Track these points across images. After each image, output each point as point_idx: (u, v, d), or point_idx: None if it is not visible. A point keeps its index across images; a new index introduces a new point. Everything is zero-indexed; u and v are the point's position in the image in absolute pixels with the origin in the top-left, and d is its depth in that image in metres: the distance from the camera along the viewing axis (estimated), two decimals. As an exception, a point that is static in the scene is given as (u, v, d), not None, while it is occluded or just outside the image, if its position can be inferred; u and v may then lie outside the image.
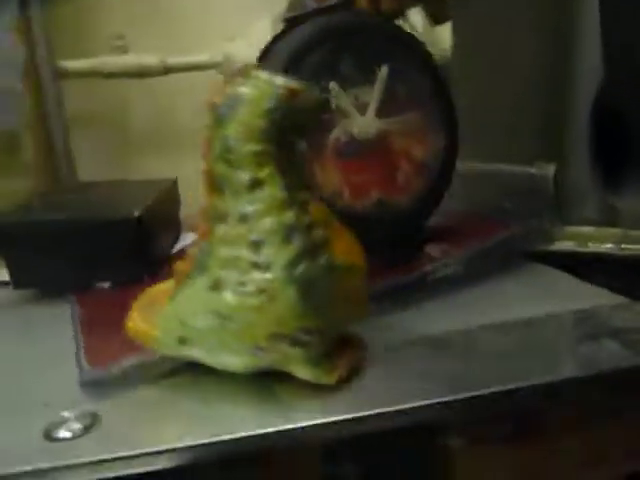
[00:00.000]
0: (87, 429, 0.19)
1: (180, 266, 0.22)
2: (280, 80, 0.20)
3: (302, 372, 0.21)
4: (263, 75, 0.20)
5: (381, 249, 0.31)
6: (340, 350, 0.22)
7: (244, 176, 0.20)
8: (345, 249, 0.21)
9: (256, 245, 0.20)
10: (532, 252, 0.34)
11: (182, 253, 0.40)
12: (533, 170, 0.34)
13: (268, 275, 0.19)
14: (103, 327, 0.29)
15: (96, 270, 0.35)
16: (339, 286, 0.20)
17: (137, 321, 0.22)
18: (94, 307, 0.32)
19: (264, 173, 0.20)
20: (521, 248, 0.34)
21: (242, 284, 0.20)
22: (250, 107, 0.20)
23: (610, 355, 0.22)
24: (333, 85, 0.30)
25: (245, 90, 0.20)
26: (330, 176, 0.31)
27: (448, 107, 0.33)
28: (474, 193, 0.39)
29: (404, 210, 0.32)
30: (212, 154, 0.20)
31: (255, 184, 0.20)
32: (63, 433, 0.19)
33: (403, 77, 0.32)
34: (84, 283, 0.35)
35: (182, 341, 0.21)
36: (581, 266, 0.33)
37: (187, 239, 0.44)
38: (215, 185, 0.21)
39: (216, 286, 0.20)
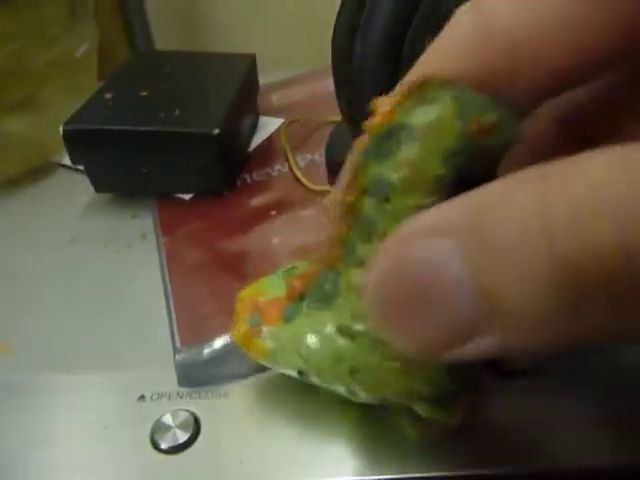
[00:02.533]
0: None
1: (296, 283, 0.19)
2: (473, 104, 0.14)
3: (426, 411, 0.19)
4: (449, 95, 0.14)
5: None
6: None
7: None
8: None
9: None
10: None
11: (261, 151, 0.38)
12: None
13: None
14: (192, 269, 0.29)
15: (176, 181, 0.33)
16: None
17: (246, 334, 0.20)
18: (179, 229, 0.32)
19: None
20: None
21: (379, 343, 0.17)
22: (423, 146, 0.14)
23: None
24: (469, 11, 0.23)
25: (418, 119, 0.14)
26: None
27: None
28: None
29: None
30: (357, 185, 0.16)
31: None
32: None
33: None
34: (164, 192, 0.34)
35: (301, 373, 0.20)
36: None
37: (266, 127, 0.40)
38: (353, 220, 0.16)
39: (344, 332, 0.18)
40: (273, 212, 0.32)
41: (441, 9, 0.22)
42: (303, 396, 0.22)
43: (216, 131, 0.30)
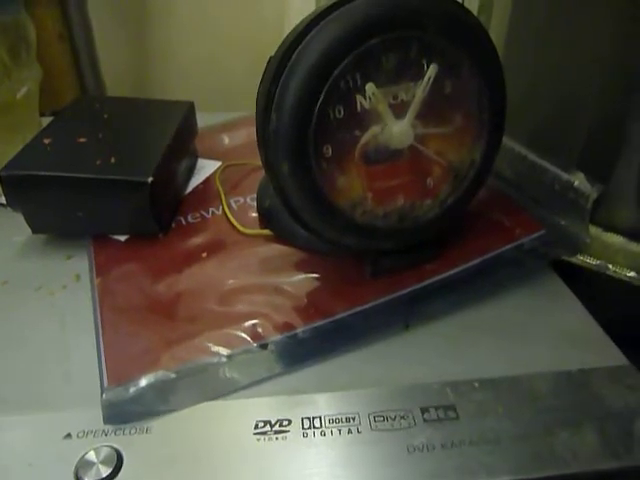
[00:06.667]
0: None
1: None
2: None
3: None
4: None
5: (401, 253, 0.31)
6: None
7: None
8: None
9: None
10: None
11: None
12: (576, 183, 0.31)
13: None
14: (124, 309, 0.30)
15: (111, 224, 0.35)
16: None
17: None
18: (112, 270, 0.33)
19: None
20: (548, 254, 0.33)
21: None
22: None
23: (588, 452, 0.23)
24: (370, 87, 0.26)
25: None
26: (354, 183, 0.29)
27: (497, 114, 0.29)
28: (514, 173, 0.36)
29: (427, 217, 0.31)
30: None
31: None
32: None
33: (454, 76, 0.28)
34: (100, 233, 0.35)
35: None
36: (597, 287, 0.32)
37: (204, 169, 0.43)
38: None
39: None
40: (204, 254, 0.34)
41: (343, 86, 0.26)
42: (219, 430, 0.24)
43: (150, 179, 0.32)
